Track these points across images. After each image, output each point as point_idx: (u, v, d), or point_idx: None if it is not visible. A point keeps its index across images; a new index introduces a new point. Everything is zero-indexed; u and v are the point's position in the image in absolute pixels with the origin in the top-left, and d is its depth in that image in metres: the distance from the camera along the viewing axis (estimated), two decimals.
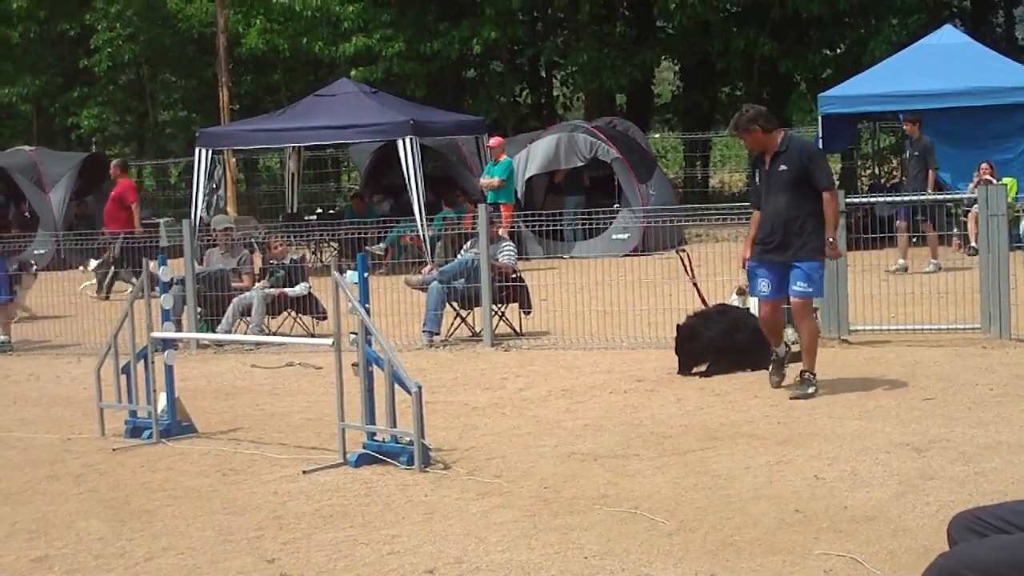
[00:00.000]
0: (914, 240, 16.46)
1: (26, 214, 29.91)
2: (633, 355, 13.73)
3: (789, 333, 13.75)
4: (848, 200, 14.15)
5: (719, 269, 15.65)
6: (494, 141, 24.04)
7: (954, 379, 11.54)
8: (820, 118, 23.72)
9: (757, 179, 11.43)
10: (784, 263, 11.08)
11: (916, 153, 20.49)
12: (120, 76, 40.53)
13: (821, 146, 23.12)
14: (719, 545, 7.15)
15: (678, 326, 12.57)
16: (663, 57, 39.37)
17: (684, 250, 15.28)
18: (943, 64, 23.20)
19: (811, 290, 11.10)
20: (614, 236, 24.46)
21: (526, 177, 25.81)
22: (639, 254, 20.23)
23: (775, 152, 11.13)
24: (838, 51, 35.80)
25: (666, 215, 18.66)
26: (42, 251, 27.17)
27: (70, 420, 11.83)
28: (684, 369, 12.37)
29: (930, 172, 20.19)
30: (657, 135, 41.31)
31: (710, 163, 40.78)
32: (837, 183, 14.64)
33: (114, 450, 10.44)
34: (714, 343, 12.37)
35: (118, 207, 22.28)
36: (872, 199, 18.75)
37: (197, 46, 39.69)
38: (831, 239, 10.98)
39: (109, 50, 38.31)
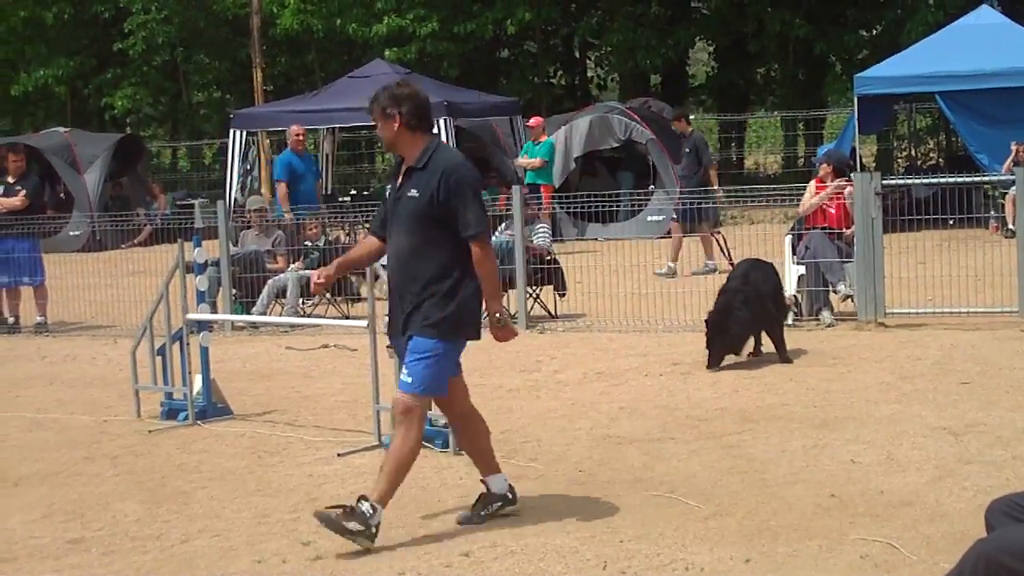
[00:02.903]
0: (951, 223, 16.35)
1: (61, 195, 30.00)
2: (668, 338, 13.69)
3: (826, 316, 13.73)
4: (884, 182, 14.07)
5: (755, 251, 15.55)
6: (534, 121, 23.97)
7: (991, 363, 11.47)
8: (856, 99, 23.57)
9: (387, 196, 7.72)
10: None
11: (688, 149, 20.35)
12: (154, 58, 40.58)
13: (857, 127, 23.03)
14: (755, 530, 7.13)
15: (706, 321, 12.19)
16: (697, 38, 39.20)
17: (719, 232, 15.23)
18: (980, 44, 23.02)
19: (412, 383, 7.34)
20: (649, 218, 24.40)
21: (574, 157, 25.78)
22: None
23: (409, 167, 7.51)
24: (874, 32, 35.59)
25: (701, 196, 18.57)
26: (77, 232, 27.26)
27: (106, 402, 11.87)
28: (714, 363, 11.95)
29: (711, 168, 20.16)
30: (692, 116, 41.13)
31: (745, 144, 40.64)
32: (874, 165, 14.50)
33: (150, 432, 10.48)
34: (745, 326, 12.11)
35: None
36: (909, 181, 18.65)
37: (231, 27, 39.71)
38: (495, 314, 7.55)
39: (143, 33, 38.37)
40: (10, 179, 17.15)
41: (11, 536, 7.87)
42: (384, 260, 7.89)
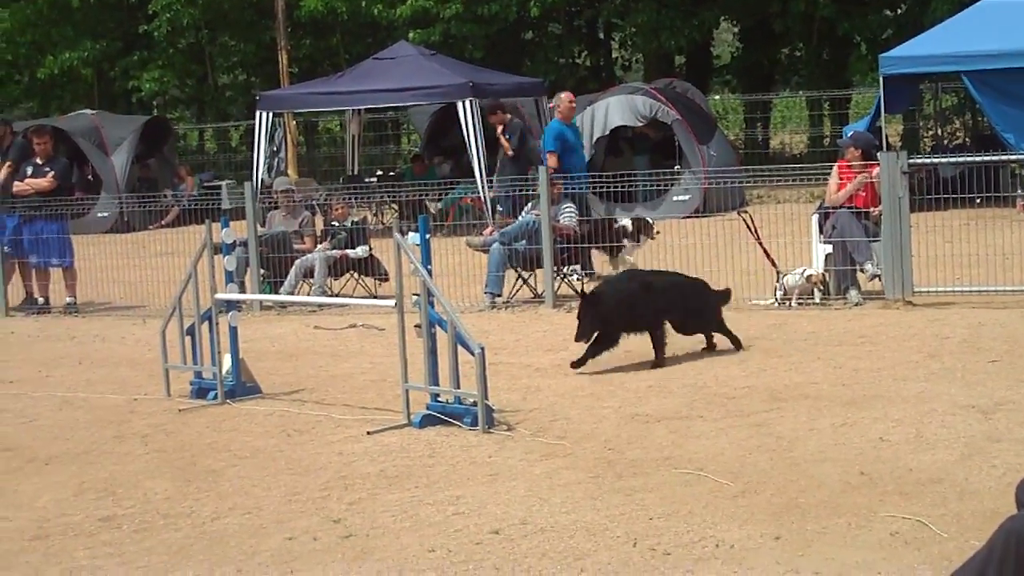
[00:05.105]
0: (978, 202, 16.30)
1: (89, 177, 30.09)
2: None
3: (853, 295, 13.71)
4: (911, 161, 14.04)
5: (781, 231, 15.57)
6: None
7: (1019, 341, 11.43)
8: (881, 79, 23.46)
9: None
10: None
11: (509, 137, 20.36)
12: (179, 40, 40.56)
13: (883, 107, 22.93)
14: (784, 507, 7.14)
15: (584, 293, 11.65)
16: (721, 18, 39.05)
17: (746, 211, 15.20)
18: (1006, 23, 22.87)
19: None
20: (675, 198, 24.37)
21: (594, 139, 25.72)
22: (700, 216, 20.14)
23: None
24: (899, 11, 35.41)
25: (727, 176, 18.54)
26: (105, 214, 27.34)
27: (136, 381, 11.93)
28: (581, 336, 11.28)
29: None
30: (716, 96, 41.02)
31: (770, 124, 40.50)
32: (900, 144, 14.44)
33: (180, 411, 10.54)
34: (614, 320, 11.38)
35: None
36: (935, 160, 18.58)
37: (255, 9, 39.69)
38: None
39: (168, 15, 38.39)
40: (38, 161, 17.23)
41: (43, 514, 7.94)
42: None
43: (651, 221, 16.77)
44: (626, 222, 16.52)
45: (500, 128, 20.53)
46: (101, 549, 7.22)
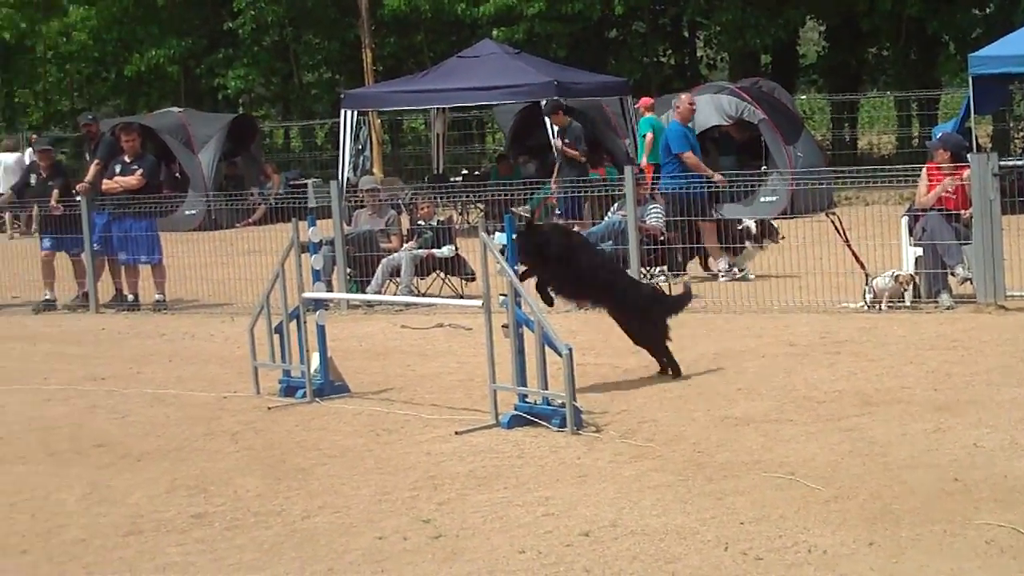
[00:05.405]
0: None
1: (176, 175, 30.38)
2: (785, 319, 13.57)
3: (945, 298, 13.53)
4: (1002, 163, 13.86)
5: (870, 232, 15.41)
6: (644, 102, 23.91)
7: None
8: (971, 79, 23.21)
9: None
10: None
11: (567, 141, 20.24)
12: (264, 38, 40.89)
13: (972, 108, 22.69)
14: (877, 513, 7.07)
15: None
16: (808, 16, 38.79)
17: (835, 213, 15.08)
18: None
19: None
20: (762, 199, 24.22)
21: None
22: (787, 217, 20.01)
23: None
24: (988, 10, 35.01)
25: (814, 177, 18.40)
26: (192, 211, 27.59)
27: (225, 378, 12.02)
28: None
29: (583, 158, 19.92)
30: (803, 96, 40.75)
31: (858, 125, 40.16)
32: (990, 146, 14.26)
33: (269, 409, 10.61)
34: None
35: None
36: None
37: (339, 8, 39.93)
38: None
39: (252, 12, 38.68)
40: (127, 158, 17.40)
41: (136, 510, 8.01)
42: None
43: (776, 225, 16.65)
44: (750, 223, 16.43)
45: (557, 129, 20.55)
46: (193, 546, 7.27)
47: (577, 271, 10.86)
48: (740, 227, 16.34)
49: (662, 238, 15.48)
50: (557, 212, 19.57)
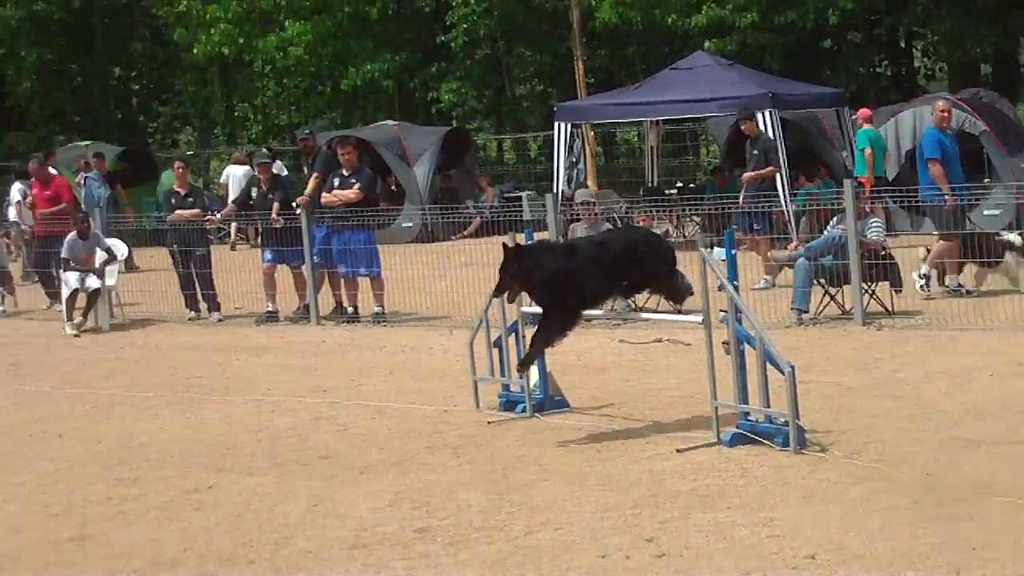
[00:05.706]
0: None
1: (392, 188, 30.77)
2: (1015, 336, 13.16)
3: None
4: None
5: None
6: (862, 113, 23.52)
7: None
8: None
9: None
10: None
11: (756, 152, 19.42)
12: (476, 51, 41.23)
13: None
14: None
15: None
16: None
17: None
18: None
19: None
20: (985, 212, 23.60)
21: (903, 152, 25.13)
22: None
23: None
24: None
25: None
26: (409, 224, 27.90)
27: (445, 392, 12.10)
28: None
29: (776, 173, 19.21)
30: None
31: None
32: None
33: (489, 423, 10.66)
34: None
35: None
36: None
37: (551, 21, 40.09)
38: None
39: (465, 26, 39.05)
40: (344, 172, 17.66)
41: (361, 523, 8.12)
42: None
43: None
44: (1012, 237, 16.06)
45: (749, 140, 20.27)
46: (417, 560, 7.34)
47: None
48: (1000, 239, 15.93)
49: (883, 252, 15.15)
50: (734, 226, 19.31)
